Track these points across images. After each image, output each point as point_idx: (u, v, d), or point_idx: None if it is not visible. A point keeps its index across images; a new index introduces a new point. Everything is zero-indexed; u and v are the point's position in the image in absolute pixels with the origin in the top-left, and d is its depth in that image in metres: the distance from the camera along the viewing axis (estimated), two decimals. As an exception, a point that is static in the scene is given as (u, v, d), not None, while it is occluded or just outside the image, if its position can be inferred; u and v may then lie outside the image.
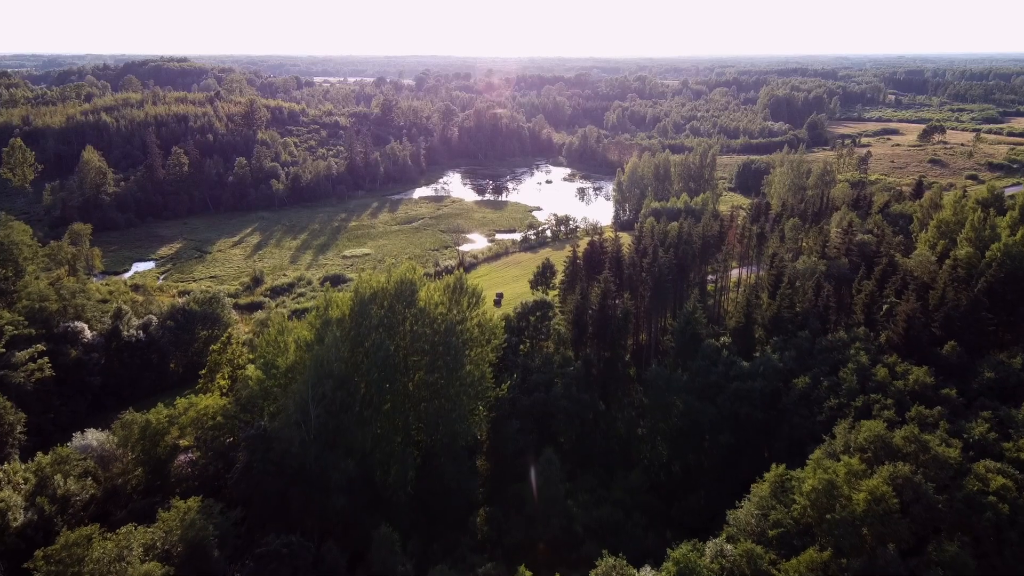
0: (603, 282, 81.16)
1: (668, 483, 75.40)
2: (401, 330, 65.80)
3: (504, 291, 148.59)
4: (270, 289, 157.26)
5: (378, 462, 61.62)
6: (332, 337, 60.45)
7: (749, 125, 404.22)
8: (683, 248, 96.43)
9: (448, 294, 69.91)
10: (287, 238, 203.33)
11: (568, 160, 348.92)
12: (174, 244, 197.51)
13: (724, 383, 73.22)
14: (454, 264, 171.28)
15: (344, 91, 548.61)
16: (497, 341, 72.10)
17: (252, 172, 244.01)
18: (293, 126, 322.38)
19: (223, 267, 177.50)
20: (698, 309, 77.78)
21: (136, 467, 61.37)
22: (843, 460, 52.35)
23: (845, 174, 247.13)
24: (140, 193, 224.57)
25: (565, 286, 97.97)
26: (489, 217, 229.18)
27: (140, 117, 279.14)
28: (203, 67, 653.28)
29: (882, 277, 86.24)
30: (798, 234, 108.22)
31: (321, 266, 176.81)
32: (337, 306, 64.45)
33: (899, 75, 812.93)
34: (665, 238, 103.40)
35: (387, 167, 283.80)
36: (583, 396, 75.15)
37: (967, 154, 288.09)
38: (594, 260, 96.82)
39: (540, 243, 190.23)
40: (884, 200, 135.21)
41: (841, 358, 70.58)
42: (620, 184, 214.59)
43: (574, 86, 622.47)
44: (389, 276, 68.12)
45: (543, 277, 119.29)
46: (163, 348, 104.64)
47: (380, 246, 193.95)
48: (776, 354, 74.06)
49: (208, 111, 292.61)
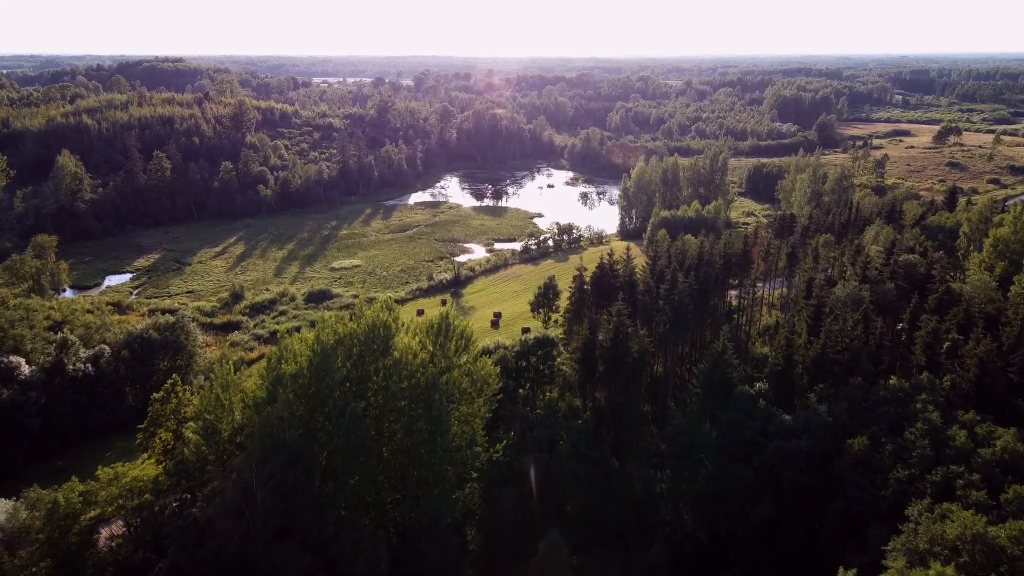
0: (615, 315, 69.16)
1: (694, 554, 63.56)
2: (372, 386, 53.91)
3: (503, 309, 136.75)
4: (250, 306, 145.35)
5: (342, 552, 49.67)
6: (285, 399, 48.58)
7: (756, 126, 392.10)
8: (704, 271, 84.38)
9: (431, 337, 57.96)
10: (273, 248, 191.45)
11: (570, 163, 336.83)
12: (152, 255, 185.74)
13: (762, 440, 61.26)
14: (449, 278, 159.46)
15: (341, 92, 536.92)
16: (491, 391, 60.09)
17: (239, 177, 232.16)
18: (285, 128, 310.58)
19: (202, 281, 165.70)
20: (728, 349, 65.81)
21: (42, 558, 49.50)
22: (934, 569, 40.40)
23: (861, 178, 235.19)
24: (119, 200, 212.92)
25: (570, 315, 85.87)
26: (488, 225, 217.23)
27: (123, 119, 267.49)
28: (198, 67, 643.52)
29: (938, 307, 74.29)
30: (830, 252, 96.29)
31: (307, 279, 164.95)
32: (293, 358, 52.46)
33: (904, 75, 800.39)
34: (683, 258, 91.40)
35: (382, 171, 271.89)
36: (593, 454, 63.20)
37: (987, 156, 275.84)
38: (603, 285, 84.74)
39: (541, 254, 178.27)
40: (919, 211, 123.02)
41: (905, 413, 58.61)
42: (626, 190, 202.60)
43: (576, 86, 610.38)
44: (360, 317, 56.16)
45: (545, 298, 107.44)
46: (117, 382, 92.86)
47: (371, 257, 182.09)
48: (824, 406, 62.10)
49: (195, 113, 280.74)
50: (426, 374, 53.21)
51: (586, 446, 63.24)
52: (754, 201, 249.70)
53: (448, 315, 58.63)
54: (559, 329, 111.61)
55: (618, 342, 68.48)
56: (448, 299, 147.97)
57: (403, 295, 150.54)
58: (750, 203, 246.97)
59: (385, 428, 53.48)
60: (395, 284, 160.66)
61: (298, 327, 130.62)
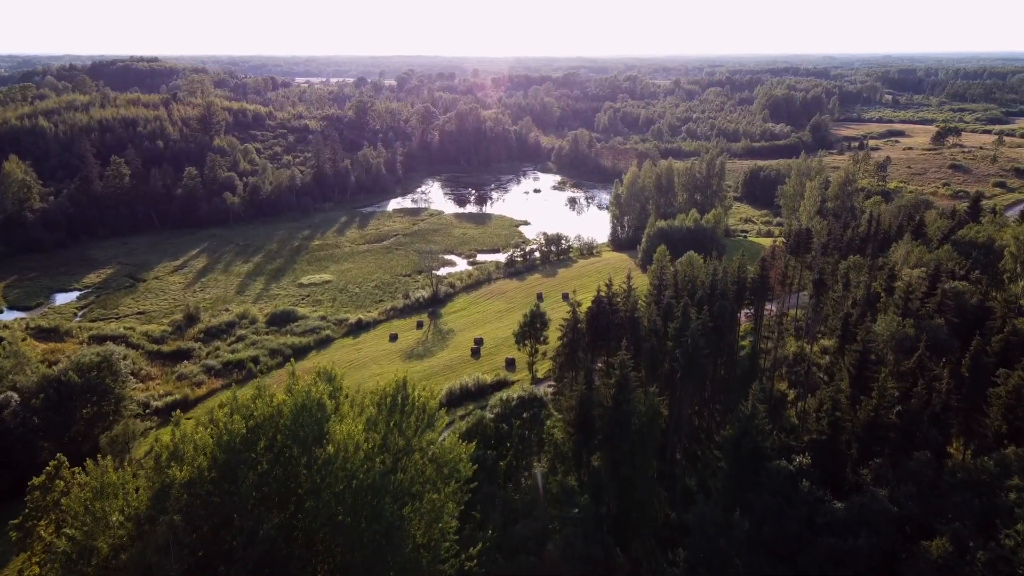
0: (619, 367, 55.91)
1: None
2: (298, 488, 40.30)
3: (485, 333, 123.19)
4: (205, 330, 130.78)
5: None
6: (167, 523, 34.83)
7: (749, 127, 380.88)
8: (719, 305, 71.37)
9: (384, 414, 44.34)
10: (238, 261, 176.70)
11: (558, 166, 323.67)
12: (105, 270, 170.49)
13: (807, 535, 48.33)
14: (427, 295, 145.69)
15: (321, 92, 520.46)
16: (463, 475, 46.50)
17: (204, 183, 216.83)
18: (258, 131, 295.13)
19: (156, 299, 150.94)
20: (759, 412, 52.76)
21: None
22: None
23: (862, 181, 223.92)
24: (73, 209, 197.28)
25: (562, 360, 72.30)
26: (471, 234, 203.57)
27: (83, 121, 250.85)
28: (174, 67, 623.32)
29: (1004, 351, 61.72)
30: (860, 275, 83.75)
31: (272, 298, 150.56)
32: (188, 457, 38.62)
33: (892, 74, 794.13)
34: (691, 285, 78.29)
35: (359, 176, 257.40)
36: (592, 549, 49.98)
37: (990, 158, 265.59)
38: (601, 323, 71.37)
39: (528, 267, 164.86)
40: (945, 225, 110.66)
41: (994, 504, 45.92)
42: (618, 196, 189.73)
43: (562, 86, 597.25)
44: (293, 389, 42.48)
45: (531, 328, 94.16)
46: (27, 436, 78.54)
47: (344, 271, 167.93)
48: (883, 489, 49.30)
49: (161, 115, 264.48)
50: (373, 472, 39.63)
51: (585, 539, 49.94)
52: (751, 206, 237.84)
53: (405, 384, 45.02)
54: (548, 363, 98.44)
55: (622, 401, 55.27)
56: (425, 320, 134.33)
57: (376, 316, 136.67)
58: (747, 208, 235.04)
59: (318, 547, 39.80)
60: (367, 303, 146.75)
61: (255, 356, 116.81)
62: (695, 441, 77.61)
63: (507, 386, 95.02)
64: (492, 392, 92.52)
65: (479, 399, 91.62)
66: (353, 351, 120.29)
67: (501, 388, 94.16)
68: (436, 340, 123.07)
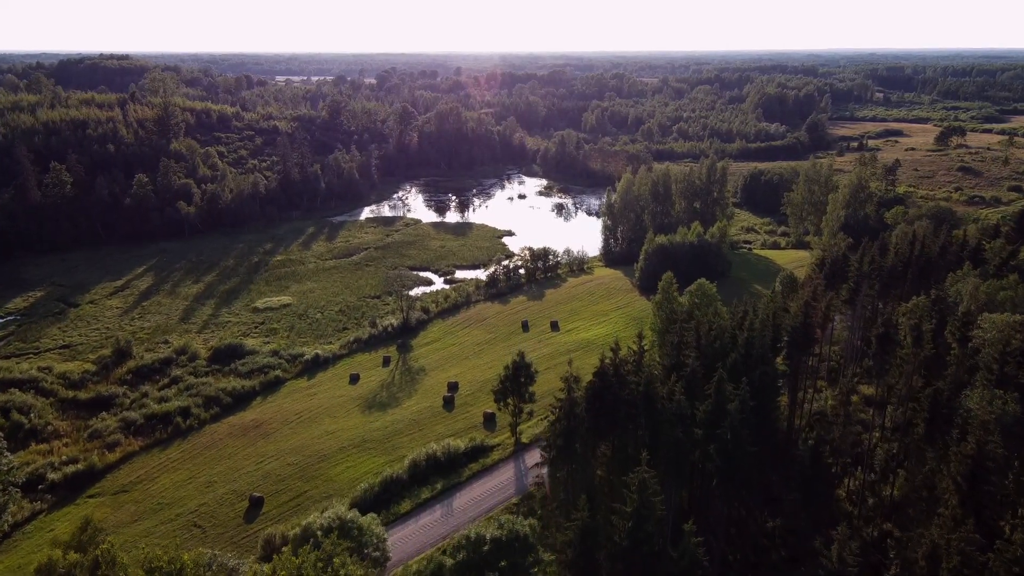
0: (638, 488, 38.51)
1: None
2: None
3: (461, 375, 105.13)
4: (135, 370, 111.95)
5: None
6: None
7: (743, 127, 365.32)
8: (760, 371, 53.90)
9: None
10: (187, 281, 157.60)
11: (543, 169, 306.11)
12: (36, 292, 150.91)
13: None
14: (397, 323, 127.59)
15: (297, 91, 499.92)
16: None
17: (157, 192, 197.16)
18: (223, 133, 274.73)
19: (86, 329, 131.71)
20: None
21: None
22: None
23: (870, 186, 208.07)
24: (6, 221, 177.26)
25: (555, 453, 53.99)
26: (449, 246, 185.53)
27: (28, 123, 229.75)
28: (144, 65, 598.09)
29: None
30: (926, 322, 66.39)
31: (221, 326, 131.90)
32: None
33: (880, 72, 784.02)
34: (719, 343, 60.34)
35: (330, 181, 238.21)
36: None
37: (1001, 160, 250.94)
38: (605, 403, 53.50)
39: (512, 287, 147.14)
40: (999, 248, 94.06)
41: None
42: (611, 206, 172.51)
43: (548, 84, 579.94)
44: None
45: (515, 384, 76.42)
46: None
47: (306, 292, 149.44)
48: None
49: (115, 116, 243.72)
50: None
51: None
52: (752, 213, 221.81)
53: None
54: (536, 426, 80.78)
55: (641, 540, 37.81)
56: (393, 355, 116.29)
57: (336, 349, 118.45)
58: (748, 215, 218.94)
59: None
60: (329, 331, 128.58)
61: (186, 408, 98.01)
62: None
63: (484, 454, 77.31)
64: (466, 464, 74.93)
65: (449, 473, 73.76)
66: (305, 397, 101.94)
67: (477, 457, 76.45)
68: (404, 383, 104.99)
